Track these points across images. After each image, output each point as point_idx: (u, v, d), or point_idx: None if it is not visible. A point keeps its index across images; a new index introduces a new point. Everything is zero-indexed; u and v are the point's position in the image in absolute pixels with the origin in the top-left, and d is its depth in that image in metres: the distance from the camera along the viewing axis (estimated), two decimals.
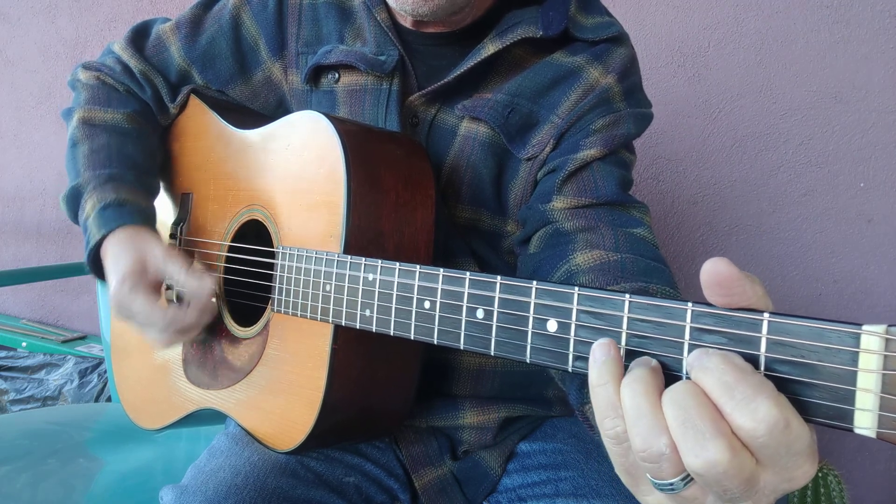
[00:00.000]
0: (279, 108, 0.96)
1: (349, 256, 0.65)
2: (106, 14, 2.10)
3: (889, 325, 0.33)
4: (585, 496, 0.76)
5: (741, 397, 0.35)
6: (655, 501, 0.41)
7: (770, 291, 0.38)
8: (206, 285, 0.79)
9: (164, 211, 0.99)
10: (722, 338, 0.38)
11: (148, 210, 0.88)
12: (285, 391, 0.74)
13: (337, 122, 0.72)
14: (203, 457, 0.82)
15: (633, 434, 0.38)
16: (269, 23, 0.91)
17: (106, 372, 1.96)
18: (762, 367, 0.37)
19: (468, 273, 0.52)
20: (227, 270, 0.87)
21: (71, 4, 2.14)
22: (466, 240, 0.83)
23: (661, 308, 0.41)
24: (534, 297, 0.47)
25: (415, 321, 0.57)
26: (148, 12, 2.03)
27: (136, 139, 0.93)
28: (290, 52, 0.91)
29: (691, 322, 0.40)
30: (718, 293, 0.38)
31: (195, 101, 0.97)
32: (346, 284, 0.65)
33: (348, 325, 0.65)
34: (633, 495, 0.43)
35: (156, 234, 0.85)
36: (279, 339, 0.76)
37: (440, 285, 0.54)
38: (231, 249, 0.86)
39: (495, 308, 0.50)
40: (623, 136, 0.80)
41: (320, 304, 0.68)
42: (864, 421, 0.34)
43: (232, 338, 0.84)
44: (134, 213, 0.84)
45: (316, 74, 0.89)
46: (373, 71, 0.83)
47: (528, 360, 0.48)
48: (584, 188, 0.77)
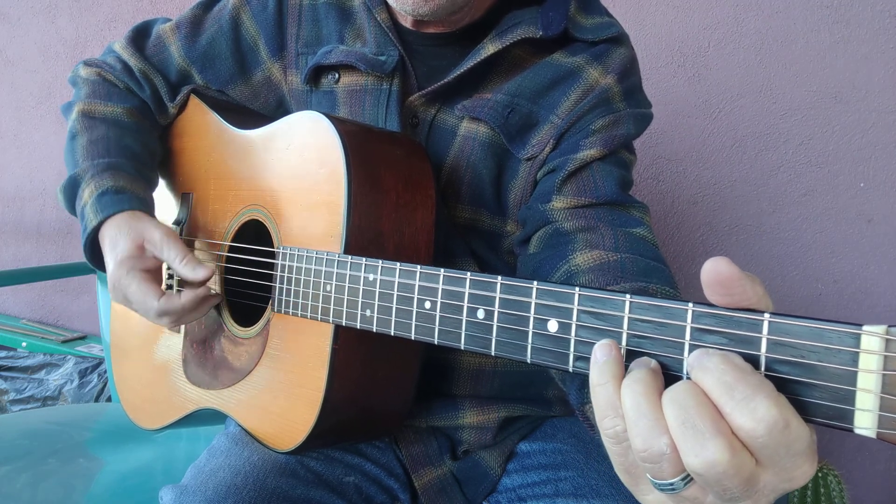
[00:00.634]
0: (279, 109, 0.96)
1: (349, 256, 0.65)
2: (106, 14, 2.10)
3: (889, 326, 0.33)
4: (585, 496, 0.76)
5: (741, 397, 0.35)
6: (655, 501, 0.41)
7: (770, 291, 0.38)
8: (199, 275, 0.77)
9: (165, 210, 0.99)
10: (722, 338, 0.38)
11: (146, 198, 0.88)
12: (285, 391, 0.74)
13: (337, 122, 0.72)
14: (203, 457, 0.82)
15: (633, 434, 0.38)
16: (268, 23, 0.91)
17: (106, 372, 1.97)
18: (762, 368, 0.37)
19: (469, 273, 0.52)
20: (227, 270, 0.87)
21: (71, 4, 2.14)
22: (466, 240, 0.83)
23: (661, 308, 0.41)
24: (534, 298, 0.47)
25: (415, 321, 0.57)
26: (148, 12, 2.03)
27: (135, 133, 0.93)
28: (290, 53, 0.91)
29: (692, 322, 0.40)
30: (719, 293, 0.38)
31: (195, 101, 0.97)
32: (347, 284, 0.65)
33: (349, 325, 0.65)
34: (633, 495, 0.43)
35: (154, 218, 0.84)
36: (279, 339, 0.76)
37: (441, 285, 0.54)
38: (231, 249, 0.86)
39: (496, 308, 0.50)
40: (623, 137, 0.80)
41: (321, 304, 0.68)
42: (864, 421, 0.34)
43: (232, 338, 0.84)
44: (132, 200, 0.84)
45: (316, 75, 0.89)
46: (373, 71, 0.83)
47: (529, 361, 0.48)
48: (583, 188, 0.77)
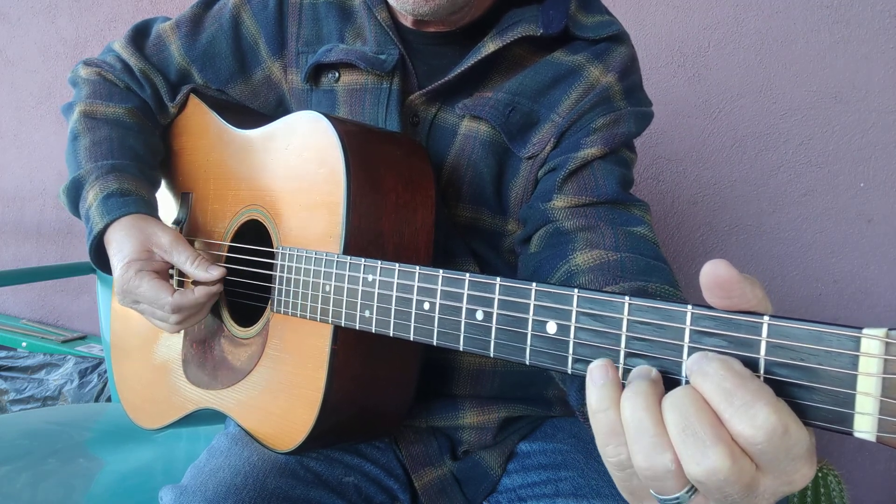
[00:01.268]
0: (279, 108, 0.96)
1: (349, 257, 0.65)
2: (106, 14, 2.10)
3: (889, 329, 0.33)
4: (585, 496, 0.76)
5: (740, 404, 0.35)
6: None
7: (770, 292, 0.38)
8: (213, 274, 0.79)
9: (164, 210, 0.99)
10: (722, 341, 0.38)
11: (151, 200, 0.88)
12: (285, 391, 0.74)
13: (337, 122, 0.72)
14: (203, 457, 0.82)
15: (634, 451, 0.38)
16: (269, 22, 0.91)
17: (106, 372, 1.97)
18: (762, 371, 0.37)
19: (468, 274, 0.52)
20: (226, 271, 0.86)
21: (71, 4, 2.14)
22: (467, 239, 0.83)
23: (660, 311, 0.41)
24: (533, 299, 0.47)
25: (414, 322, 0.57)
26: (148, 12, 2.03)
27: (137, 133, 0.93)
28: (290, 52, 0.91)
29: (691, 325, 0.39)
30: (718, 295, 0.38)
31: (195, 101, 0.97)
32: (346, 285, 0.65)
33: (348, 325, 0.65)
34: None
35: (160, 221, 0.85)
36: (279, 339, 0.76)
37: (440, 286, 0.54)
38: (231, 249, 0.86)
39: (495, 309, 0.50)
40: (623, 135, 0.80)
41: (320, 305, 0.68)
42: (864, 425, 0.34)
43: (232, 338, 0.84)
44: (138, 202, 0.84)
45: (316, 73, 0.88)
46: (373, 70, 0.83)
47: (528, 362, 0.48)
48: (584, 187, 0.77)
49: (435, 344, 0.55)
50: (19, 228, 2.32)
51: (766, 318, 0.37)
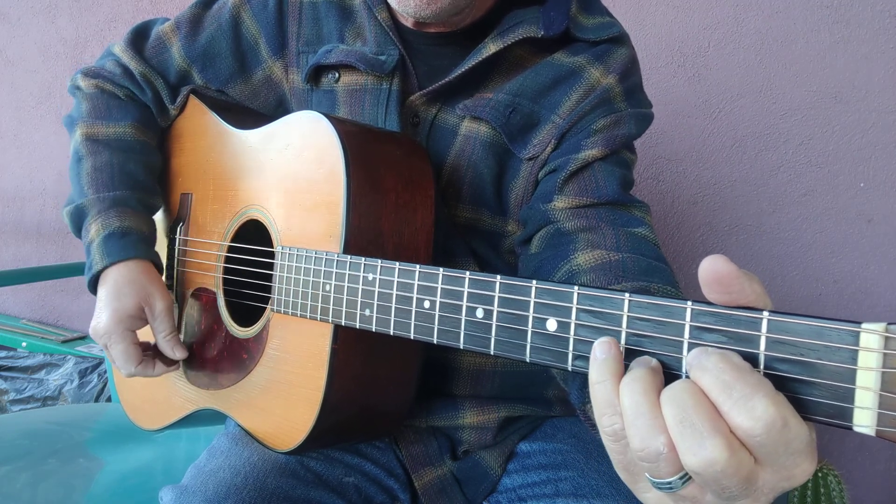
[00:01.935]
0: (279, 108, 0.96)
1: (349, 256, 0.65)
2: (106, 14, 2.10)
3: (888, 324, 0.33)
4: (585, 496, 0.76)
5: (739, 396, 0.35)
6: (654, 499, 0.41)
7: (770, 291, 0.38)
8: (176, 355, 0.87)
9: (164, 211, 0.99)
10: (722, 336, 0.38)
11: (150, 238, 0.91)
12: (285, 391, 0.74)
13: (337, 122, 0.72)
14: (203, 457, 0.82)
15: (630, 433, 0.38)
16: (269, 22, 0.91)
17: (106, 372, 1.97)
18: (762, 366, 0.37)
19: (468, 273, 0.52)
20: (226, 270, 0.87)
21: (71, 4, 2.14)
22: (467, 240, 0.83)
23: (660, 307, 0.41)
24: (533, 297, 0.47)
25: (414, 321, 0.57)
26: (148, 12, 2.03)
27: (138, 154, 0.94)
28: (291, 52, 0.91)
29: (691, 321, 0.40)
30: (717, 291, 0.38)
31: (194, 102, 0.97)
32: (346, 284, 0.65)
33: (348, 324, 0.65)
34: (633, 493, 0.43)
35: (161, 280, 0.88)
36: (279, 339, 0.76)
37: (440, 285, 0.54)
38: (231, 249, 0.86)
39: (495, 307, 0.50)
40: (624, 136, 0.80)
41: (320, 304, 0.68)
42: (864, 419, 0.34)
43: (232, 338, 0.84)
44: (138, 245, 0.86)
45: (316, 74, 0.89)
46: (372, 71, 0.83)
47: (528, 360, 0.48)
48: (585, 188, 0.77)
49: (435, 342, 0.55)
50: (19, 228, 2.32)
51: (765, 313, 0.37)
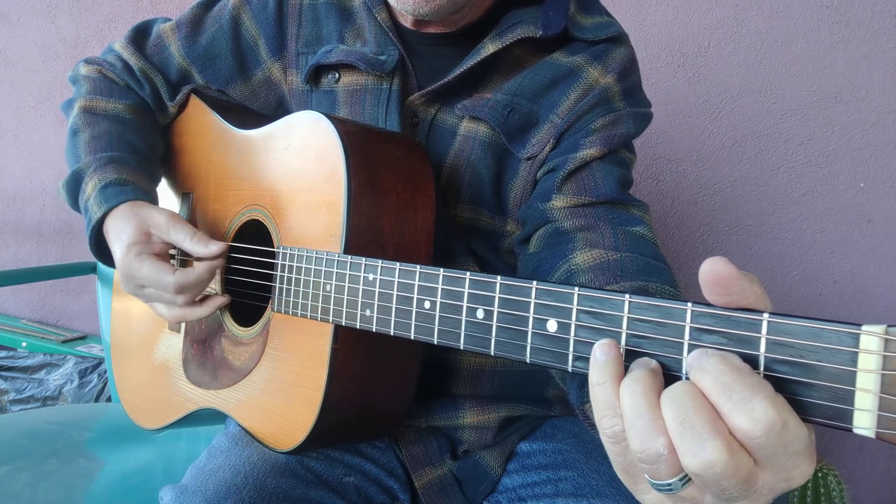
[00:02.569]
0: (279, 108, 0.96)
1: (349, 256, 0.65)
2: (106, 14, 2.10)
3: (888, 326, 0.33)
4: (585, 496, 0.76)
5: (738, 398, 0.35)
6: (654, 500, 0.41)
7: (770, 291, 0.38)
8: (212, 250, 0.78)
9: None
10: (721, 338, 0.38)
11: (150, 190, 0.87)
12: (285, 391, 0.74)
13: (337, 122, 0.72)
14: (203, 457, 0.82)
15: (630, 434, 0.38)
16: (268, 23, 0.91)
17: (106, 372, 1.97)
18: (761, 368, 0.37)
19: (468, 273, 0.52)
20: (227, 270, 0.87)
21: (71, 4, 2.14)
22: (466, 240, 0.83)
23: (660, 308, 0.41)
24: (534, 297, 0.47)
25: (415, 321, 0.57)
26: (148, 12, 2.03)
27: (136, 128, 0.93)
28: (290, 52, 0.91)
29: (691, 322, 0.40)
30: (717, 292, 0.38)
31: (195, 101, 0.97)
32: (347, 284, 0.65)
33: (348, 325, 0.65)
34: (632, 494, 0.43)
35: (156, 205, 0.84)
36: (279, 338, 0.76)
37: (440, 285, 0.54)
38: (231, 249, 0.86)
39: (495, 308, 0.50)
40: (622, 136, 0.80)
41: (320, 304, 0.68)
42: (864, 421, 0.34)
43: (232, 338, 0.84)
44: (137, 191, 0.83)
45: (316, 74, 0.89)
46: (373, 71, 0.83)
47: (528, 361, 0.48)
48: (583, 187, 0.77)
49: (436, 342, 0.55)
50: (19, 228, 2.32)
51: (765, 315, 0.37)
